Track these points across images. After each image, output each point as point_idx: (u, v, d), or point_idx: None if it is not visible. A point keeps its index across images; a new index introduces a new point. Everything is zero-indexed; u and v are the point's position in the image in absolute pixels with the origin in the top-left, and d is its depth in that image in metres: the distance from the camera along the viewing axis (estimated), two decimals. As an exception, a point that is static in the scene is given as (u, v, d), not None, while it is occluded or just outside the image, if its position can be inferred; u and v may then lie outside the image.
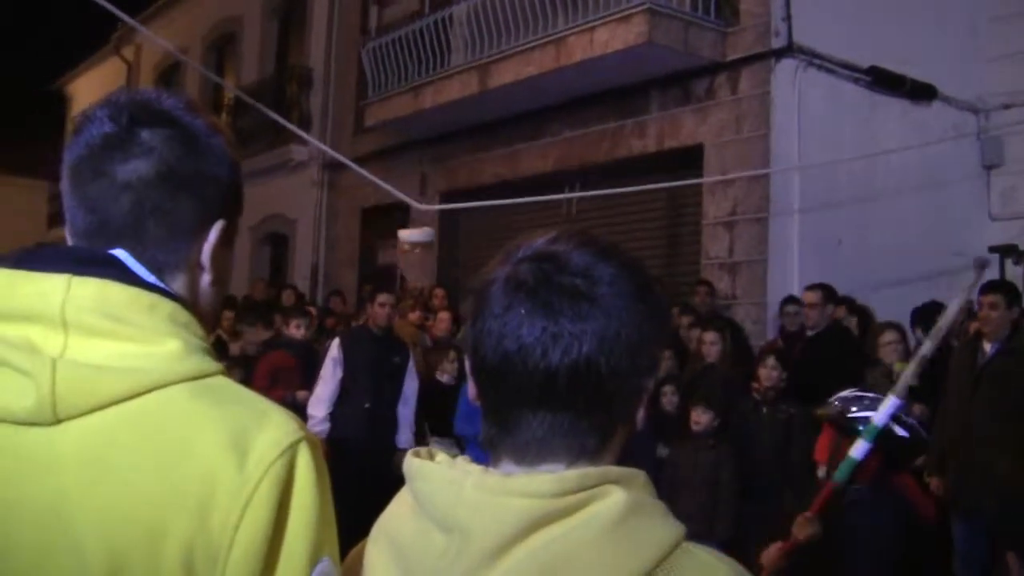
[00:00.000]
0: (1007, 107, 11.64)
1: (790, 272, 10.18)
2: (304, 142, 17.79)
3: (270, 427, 1.35)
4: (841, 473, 4.26)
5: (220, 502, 1.29)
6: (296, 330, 9.94)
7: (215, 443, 1.31)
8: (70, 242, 1.50)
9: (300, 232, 18.40)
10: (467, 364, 1.41)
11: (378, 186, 8.16)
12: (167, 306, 1.40)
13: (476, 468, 1.34)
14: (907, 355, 8.03)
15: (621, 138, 11.91)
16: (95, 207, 1.45)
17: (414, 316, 10.87)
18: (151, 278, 1.43)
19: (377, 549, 1.41)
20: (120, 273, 1.40)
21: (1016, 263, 11.25)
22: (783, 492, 7.67)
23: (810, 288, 8.90)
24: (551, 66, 11.48)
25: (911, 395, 7.59)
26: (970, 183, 11.79)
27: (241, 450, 1.31)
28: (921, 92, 11.32)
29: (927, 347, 4.52)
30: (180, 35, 23.42)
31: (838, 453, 5.05)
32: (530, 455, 1.32)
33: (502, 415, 1.34)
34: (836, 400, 5.25)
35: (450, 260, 14.90)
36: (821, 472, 5.44)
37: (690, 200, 11.39)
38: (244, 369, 9.42)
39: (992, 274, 10.58)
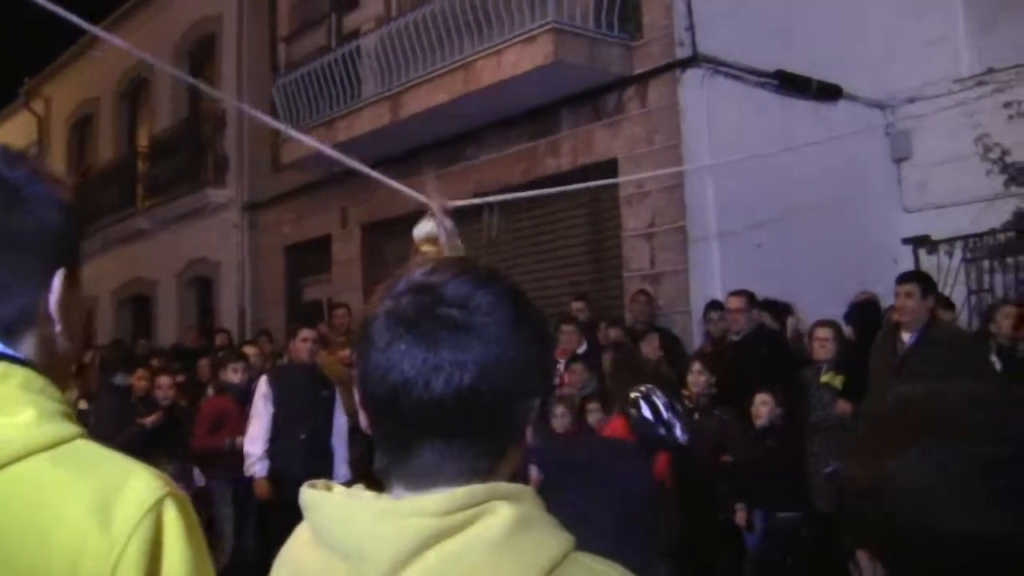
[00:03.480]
0: (912, 101, 11.83)
1: (712, 279, 10.25)
2: (222, 184, 17.71)
3: (134, 487, 1.33)
4: None
5: (88, 568, 1.27)
6: (234, 374, 9.89)
7: (80, 510, 1.29)
8: None
9: (224, 275, 18.23)
10: (356, 397, 1.42)
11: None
12: (19, 373, 1.36)
13: (368, 495, 1.38)
14: (839, 352, 8.13)
15: (536, 158, 11.94)
16: None
17: (344, 354, 10.72)
18: None
19: None
20: None
21: (929, 253, 11.45)
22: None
23: (734, 294, 8.98)
24: (461, 92, 11.50)
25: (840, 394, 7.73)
26: (882, 178, 11.96)
27: (106, 514, 1.29)
28: (827, 92, 11.48)
29: None
30: (91, 86, 23.20)
31: None
32: (425, 481, 1.34)
33: (394, 445, 1.37)
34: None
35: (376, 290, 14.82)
36: None
37: (609, 214, 11.45)
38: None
39: (907, 265, 10.82)
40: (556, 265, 11.91)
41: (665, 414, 5.30)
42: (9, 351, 1.39)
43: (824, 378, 7.92)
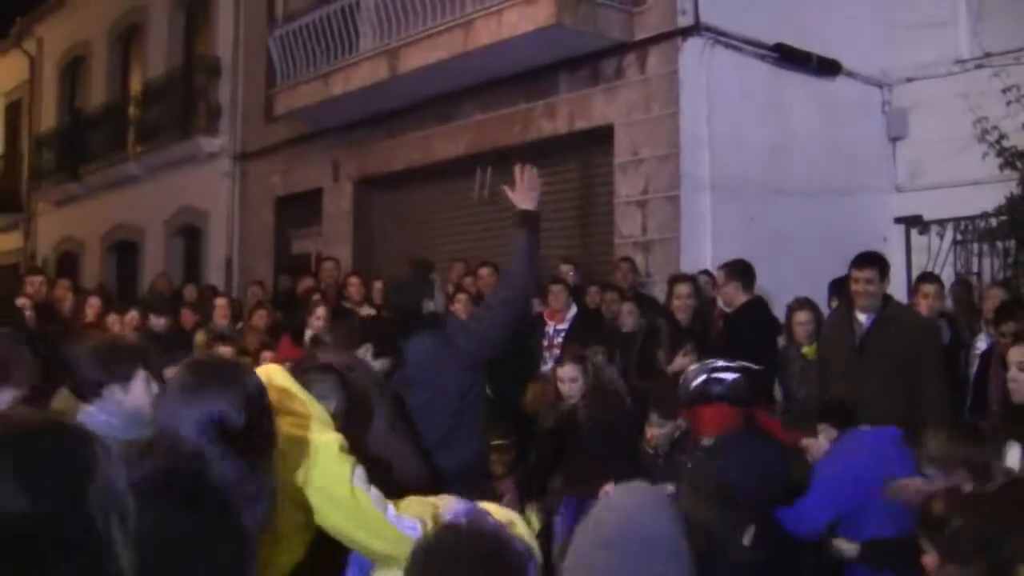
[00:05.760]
0: (910, 80, 11.83)
1: (703, 249, 10.25)
2: (214, 133, 17.63)
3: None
4: None
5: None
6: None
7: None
8: None
9: (213, 224, 18.16)
10: None
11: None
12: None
13: None
14: (818, 332, 8.11)
15: (532, 120, 11.90)
16: None
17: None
18: None
19: None
20: None
21: (921, 233, 11.47)
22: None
23: (721, 268, 8.80)
24: (460, 50, 11.42)
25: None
26: (877, 156, 11.97)
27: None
28: (826, 67, 11.46)
29: None
30: (83, 27, 23.00)
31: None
32: None
33: None
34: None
35: (366, 244, 14.81)
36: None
37: (602, 179, 11.44)
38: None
39: (898, 244, 10.86)
40: (547, 228, 11.84)
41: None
42: None
43: (805, 350, 7.92)
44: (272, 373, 3.71)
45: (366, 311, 10.27)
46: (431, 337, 5.35)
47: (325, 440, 3.48)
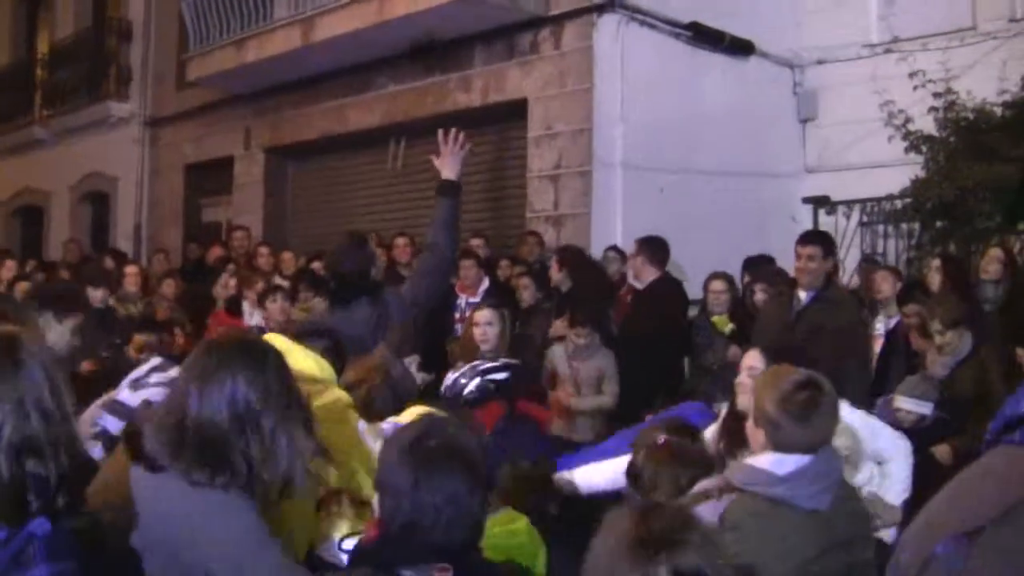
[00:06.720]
0: (821, 62, 11.98)
1: (613, 225, 10.31)
2: (124, 97, 17.32)
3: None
4: None
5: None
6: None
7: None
8: None
9: (122, 191, 17.82)
10: None
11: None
12: None
13: None
14: (733, 304, 8.26)
15: (447, 92, 11.86)
16: None
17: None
18: None
19: None
20: None
21: (828, 214, 11.65)
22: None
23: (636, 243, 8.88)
24: (375, 20, 11.33)
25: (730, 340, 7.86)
26: (787, 136, 12.11)
27: None
28: (739, 47, 11.55)
29: None
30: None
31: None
32: None
33: None
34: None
35: (277, 214, 14.67)
36: None
37: (515, 153, 11.44)
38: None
39: (805, 224, 11.00)
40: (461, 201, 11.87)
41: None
42: None
43: (715, 319, 8.06)
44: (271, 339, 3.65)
45: (277, 282, 10.19)
46: (370, 306, 5.40)
47: (333, 398, 3.63)
